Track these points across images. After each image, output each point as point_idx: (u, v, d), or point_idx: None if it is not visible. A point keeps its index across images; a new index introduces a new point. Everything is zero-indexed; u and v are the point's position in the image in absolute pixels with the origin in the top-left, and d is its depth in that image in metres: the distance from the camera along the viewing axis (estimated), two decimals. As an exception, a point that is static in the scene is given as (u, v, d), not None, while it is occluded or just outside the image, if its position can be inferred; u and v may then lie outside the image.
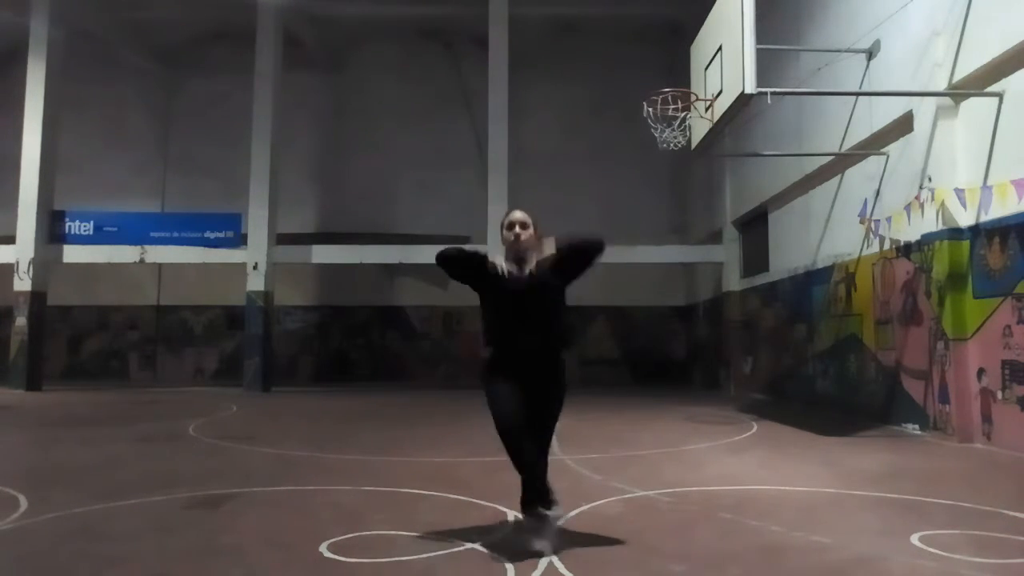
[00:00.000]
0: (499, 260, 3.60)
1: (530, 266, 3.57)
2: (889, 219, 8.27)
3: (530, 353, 3.52)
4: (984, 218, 6.68)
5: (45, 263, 14.98)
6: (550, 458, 3.62)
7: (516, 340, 3.52)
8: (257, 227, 14.71)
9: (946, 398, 6.90)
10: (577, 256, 3.58)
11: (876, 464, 5.70)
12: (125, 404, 11.43)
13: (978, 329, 6.70)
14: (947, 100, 7.09)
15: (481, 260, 3.59)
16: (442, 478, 4.97)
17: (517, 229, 3.59)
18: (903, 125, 7.85)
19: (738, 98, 6.87)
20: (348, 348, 17.99)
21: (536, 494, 3.37)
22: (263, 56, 14.99)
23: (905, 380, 7.83)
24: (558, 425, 3.62)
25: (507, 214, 3.74)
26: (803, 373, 10.76)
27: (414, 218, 17.21)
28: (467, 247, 3.71)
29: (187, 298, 18.07)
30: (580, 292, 15.57)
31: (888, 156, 8.34)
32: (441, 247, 3.89)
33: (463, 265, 3.60)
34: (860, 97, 8.70)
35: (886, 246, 8.36)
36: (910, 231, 7.74)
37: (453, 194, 16.78)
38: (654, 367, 17.50)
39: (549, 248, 3.63)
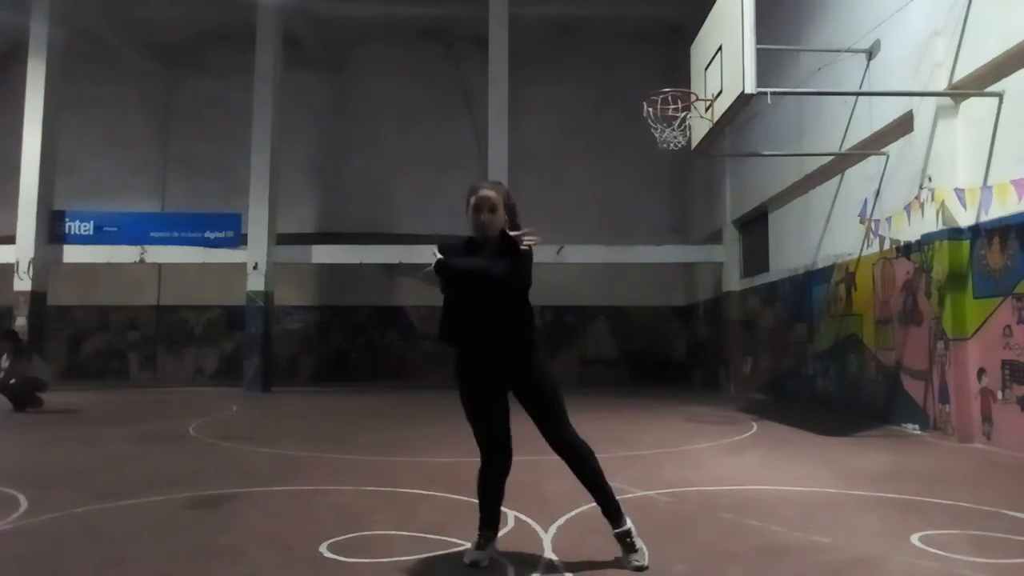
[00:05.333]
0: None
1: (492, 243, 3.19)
2: (889, 219, 8.27)
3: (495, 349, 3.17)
4: (984, 218, 6.68)
5: (45, 263, 14.98)
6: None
7: (483, 334, 3.18)
8: (257, 227, 14.71)
9: (946, 398, 6.90)
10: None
11: (876, 464, 5.70)
12: (125, 404, 11.43)
13: (978, 329, 6.70)
14: (947, 100, 7.09)
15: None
16: (442, 478, 4.97)
17: (484, 217, 3.18)
18: (903, 125, 7.85)
19: (738, 98, 6.87)
20: (348, 348, 17.99)
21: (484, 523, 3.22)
22: (263, 56, 14.98)
23: (905, 380, 7.83)
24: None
25: (473, 191, 3.24)
26: (803, 373, 10.76)
27: (414, 218, 17.20)
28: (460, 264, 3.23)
29: (187, 298, 18.07)
30: (580, 292, 15.49)
31: (888, 156, 8.34)
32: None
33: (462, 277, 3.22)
34: (860, 97, 8.70)
35: (886, 246, 8.36)
36: (910, 231, 7.74)
37: (453, 194, 16.59)
38: (654, 367, 17.51)
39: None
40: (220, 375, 17.77)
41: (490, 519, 3.22)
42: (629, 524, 3.14)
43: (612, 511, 3.16)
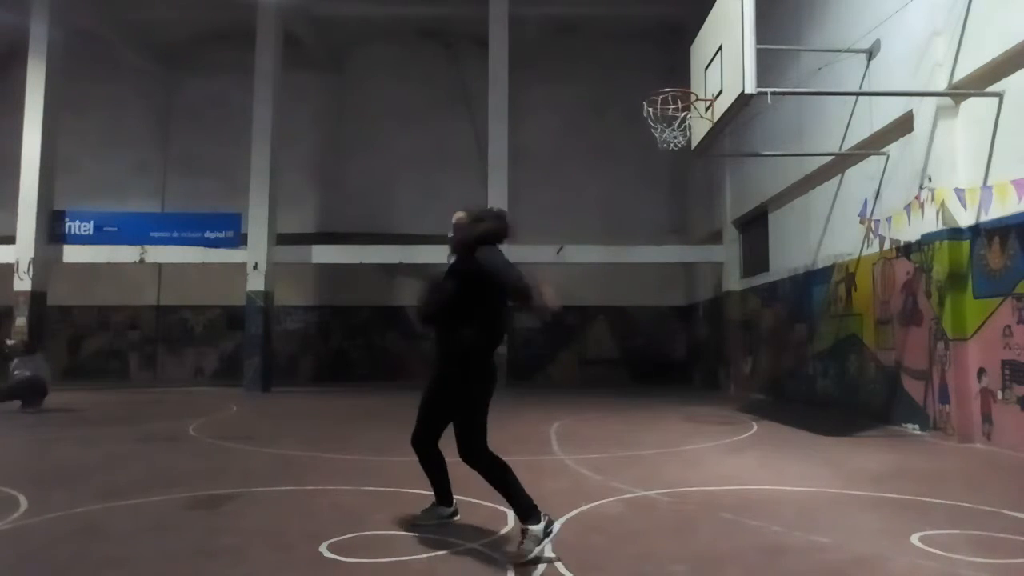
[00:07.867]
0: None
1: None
2: (889, 219, 8.27)
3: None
4: (984, 218, 6.68)
5: (45, 263, 14.98)
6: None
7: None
8: (257, 227, 14.71)
9: (946, 398, 6.90)
10: None
11: (876, 464, 5.70)
12: (125, 404, 11.43)
13: (978, 329, 6.70)
14: (947, 100, 7.09)
15: None
16: (442, 478, 4.95)
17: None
18: (903, 125, 7.85)
19: (738, 98, 6.87)
20: (348, 348, 17.99)
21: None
22: (263, 56, 14.98)
23: (905, 380, 7.83)
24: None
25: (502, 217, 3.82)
26: (803, 373, 10.76)
27: (414, 218, 17.19)
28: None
29: (187, 298, 18.08)
30: (580, 292, 15.45)
31: (888, 156, 8.34)
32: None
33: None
34: (860, 97, 8.70)
35: (886, 246, 8.36)
36: (910, 231, 7.74)
37: (453, 194, 16.70)
38: (654, 367, 17.50)
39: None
40: (220, 375, 17.77)
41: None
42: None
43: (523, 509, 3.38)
